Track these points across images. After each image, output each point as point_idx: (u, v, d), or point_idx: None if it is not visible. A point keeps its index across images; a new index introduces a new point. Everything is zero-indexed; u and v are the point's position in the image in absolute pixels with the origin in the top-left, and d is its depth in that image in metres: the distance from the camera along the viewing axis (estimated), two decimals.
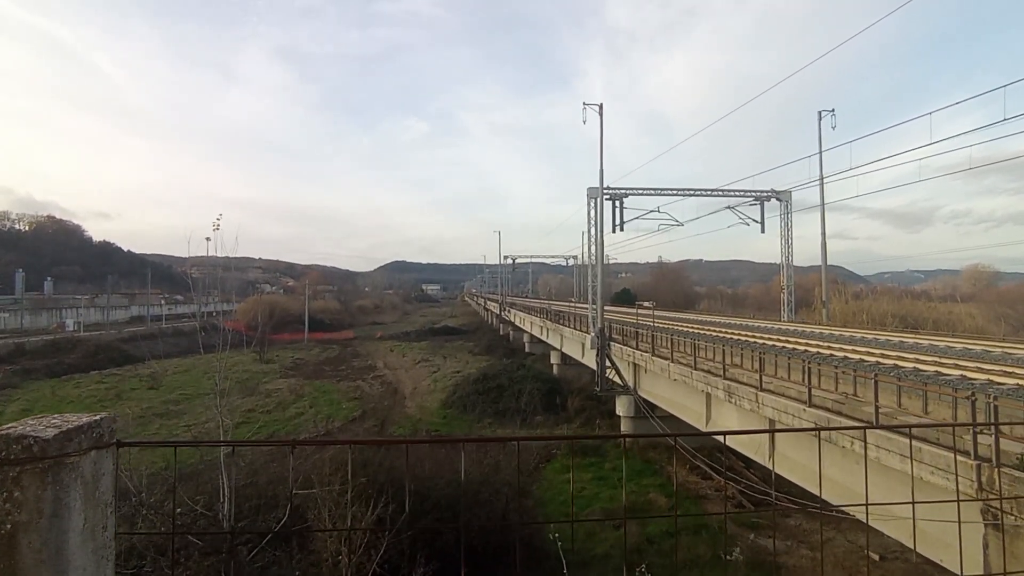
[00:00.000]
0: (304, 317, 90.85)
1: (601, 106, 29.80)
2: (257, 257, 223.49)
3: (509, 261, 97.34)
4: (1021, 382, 11.05)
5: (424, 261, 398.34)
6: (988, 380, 11.40)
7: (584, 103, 29.82)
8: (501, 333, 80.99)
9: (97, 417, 2.18)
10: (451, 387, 42.99)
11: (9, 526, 1.91)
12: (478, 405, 37.00)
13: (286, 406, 39.72)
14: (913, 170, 27.27)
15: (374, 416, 35.98)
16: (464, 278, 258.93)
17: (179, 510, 13.10)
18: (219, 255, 19.18)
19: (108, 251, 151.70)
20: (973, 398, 8.99)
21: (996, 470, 8.41)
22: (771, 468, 14.52)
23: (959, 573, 8.92)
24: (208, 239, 19.08)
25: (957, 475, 8.66)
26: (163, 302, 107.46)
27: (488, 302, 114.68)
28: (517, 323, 71.49)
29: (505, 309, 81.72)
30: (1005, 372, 12.15)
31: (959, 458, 8.85)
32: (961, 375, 12.12)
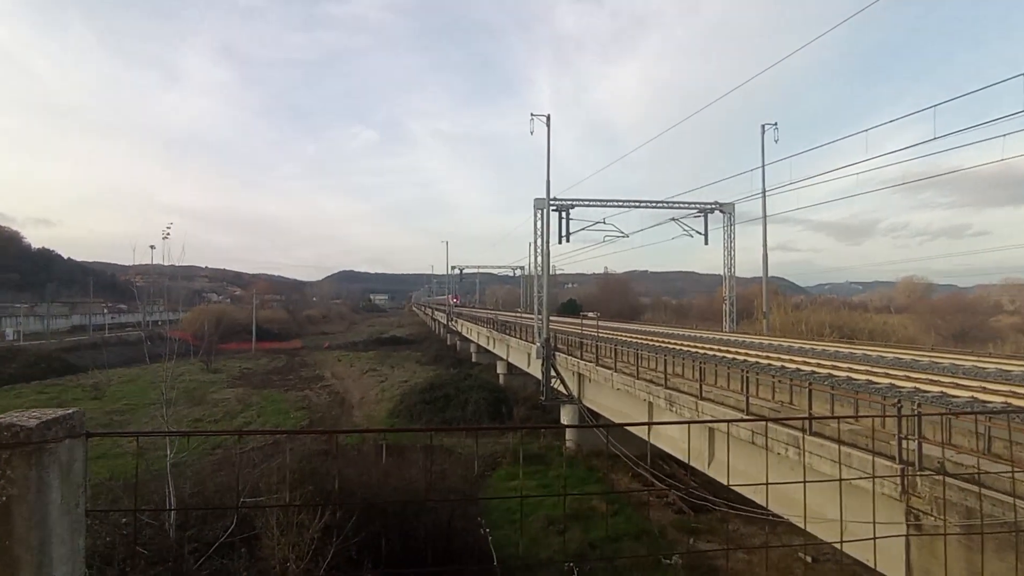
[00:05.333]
0: (252, 327, 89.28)
1: (548, 117, 30.14)
2: (204, 266, 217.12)
3: (456, 271, 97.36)
4: (945, 389, 11.62)
5: (372, 271, 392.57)
6: (915, 388, 11.95)
7: (532, 114, 30.09)
8: (449, 343, 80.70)
9: (70, 411, 2.53)
10: (398, 397, 42.63)
11: (5, 498, 2.31)
12: (425, 414, 36.71)
13: (234, 415, 39.04)
14: (854, 184, 28.36)
15: (322, 425, 35.39)
16: (412, 288, 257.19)
17: (124, 519, 12.63)
18: (165, 263, 18.67)
19: (48, 258, 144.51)
20: (899, 405, 9.38)
21: (918, 475, 8.76)
22: (706, 470, 14.83)
23: (884, 573, 9.32)
24: (153, 247, 18.60)
25: (874, 479, 8.98)
26: (106, 311, 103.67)
27: (436, 312, 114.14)
28: (464, 333, 71.36)
29: (452, 319, 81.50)
30: (931, 380, 12.73)
31: (885, 462, 9.21)
32: (890, 383, 12.66)
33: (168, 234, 17.88)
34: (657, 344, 24.43)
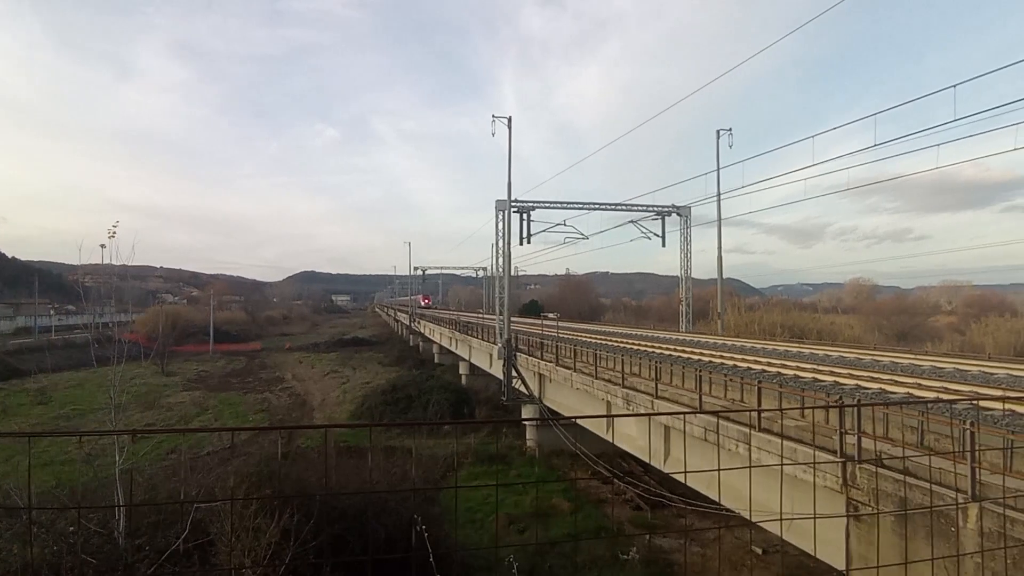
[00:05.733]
0: (209, 328, 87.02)
1: (510, 119, 30.35)
2: (158, 266, 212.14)
3: (419, 272, 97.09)
4: (884, 386, 12.25)
5: (334, 272, 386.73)
6: (856, 385, 12.56)
7: (493, 116, 30.22)
8: (411, 344, 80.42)
9: None
10: (360, 398, 42.52)
11: None
12: (387, 416, 36.67)
13: (189, 419, 38.30)
14: (806, 188, 29.41)
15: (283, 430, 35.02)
16: (375, 289, 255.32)
17: (71, 528, 12.40)
18: (115, 263, 18.15)
19: None
20: (841, 402, 9.90)
21: (857, 466, 9.25)
22: (663, 467, 15.26)
23: (826, 560, 9.81)
24: (103, 246, 18.04)
25: (814, 471, 9.44)
26: (52, 312, 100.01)
27: (398, 313, 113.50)
28: (427, 334, 71.23)
29: (415, 320, 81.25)
30: (872, 378, 13.36)
31: (827, 456, 9.68)
32: (834, 381, 13.27)
33: (114, 232, 17.32)
34: (616, 344, 24.93)
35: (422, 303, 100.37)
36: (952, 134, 17.37)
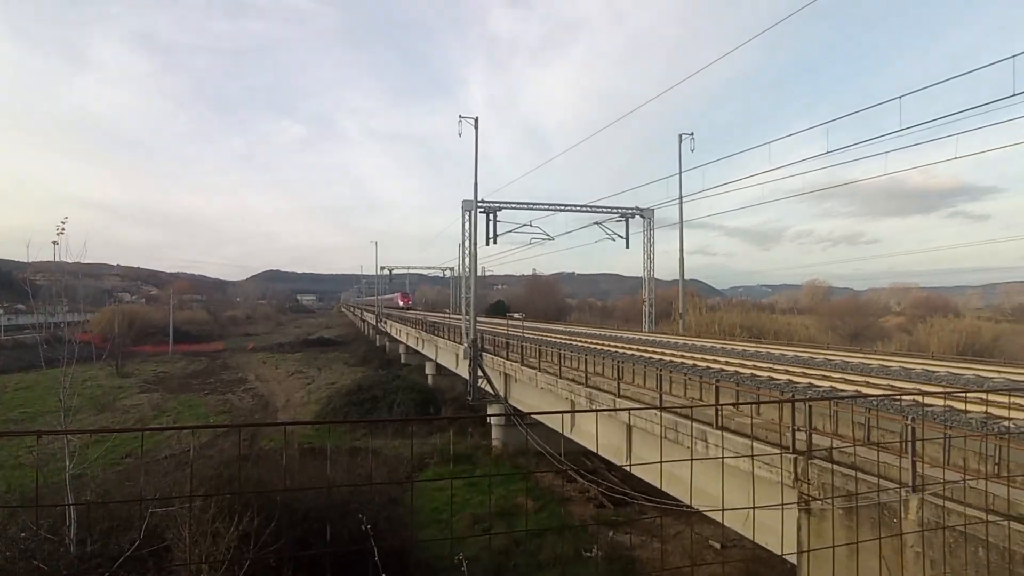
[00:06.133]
0: (169, 328, 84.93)
1: (476, 120, 30.44)
2: (115, 264, 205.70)
3: (386, 272, 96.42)
4: (835, 384, 12.70)
5: (299, 271, 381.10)
6: (809, 383, 12.98)
7: (460, 116, 30.31)
8: (378, 344, 79.89)
9: None
10: (325, 399, 42.19)
11: None
12: (352, 416, 36.42)
13: (147, 422, 37.44)
14: (765, 192, 30.20)
15: (245, 431, 34.38)
16: (341, 288, 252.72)
17: (23, 534, 12.09)
18: (68, 260, 17.67)
19: None
20: (794, 400, 10.26)
21: (808, 461, 9.60)
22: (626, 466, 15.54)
23: (778, 552, 10.15)
24: (55, 243, 17.55)
25: (751, 463, 9.76)
26: (0, 312, 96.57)
27: (365, 313, 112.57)
28: (393, 334, 70.90)
29: (381, 320, 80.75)
30: (824, 376, 13.82)
31: (780, 452, 10.02)
32: (788, 379, 13.68)
33: (63, 229, 16.85)
34: (580, 344, 25.22)
35: (400, 303, 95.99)
36: (900, 142, 18.10)
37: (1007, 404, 8.82)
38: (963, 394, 9.63)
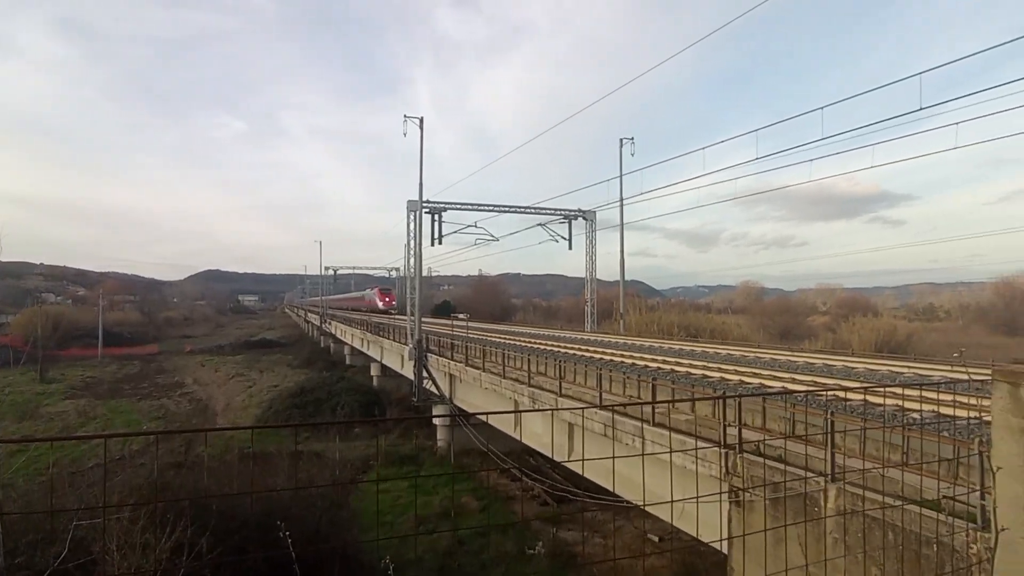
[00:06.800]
0: (98, 330, 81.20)
1: (421, 120, 30.38)
2: (38, 262, 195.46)
3: (331, 272, 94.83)
4: (763, 381, 13.29)
5: (241, 271, 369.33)
6: (740, 380, 13.55)
7: (405, 116, 30.17)
8: (322, 345, 78.64)
9: None
10: (267, 402, 41.32)
11: None
12: (295, 419, 35.81)
13: (73, 430, 35.76)
14: (702, 195, 31.23)
15: (181, 436, 33.29)
16: (285, 289, 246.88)
17: None
18: None
19: None
20: (724, 396, 10.71)
21: (738, 456, 10.04)
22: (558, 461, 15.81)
23: (710, 543, 10.59)
24: None
25: (694, 459, 10.18)
26: None
27: (309, 314, 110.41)
28: (338, 335, 69.92)
29: (326, 321, 79.47)
30: (754, 373, 14.45)
31: (712, 447, 10.45)
32: (721, 377, 14.24)
33: None
34: (524, 344, 25.51)
35: (378, 304, 74.81)
36: (824, 151, 19.07)
37: (918, 398, 9.45)
38: (878, 389, 10.27)
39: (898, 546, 7.14)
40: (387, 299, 75.77)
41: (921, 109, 13.85)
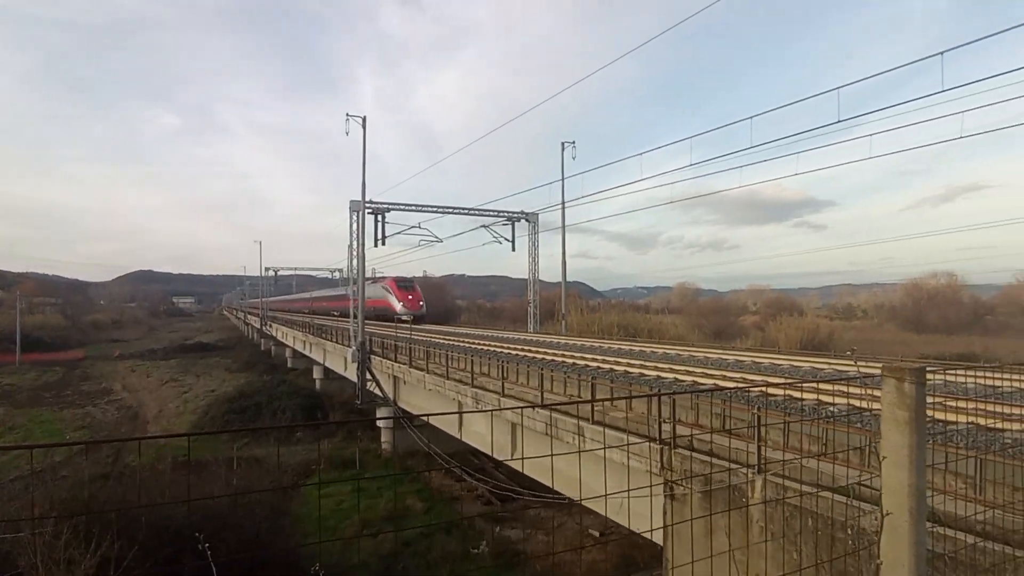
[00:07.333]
0: (15, 335, 76.55)
1: (364, 119, 30.07)
2: None
3: (271, 273, 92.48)
4: (696, 379, 13.85)
5: (175, 271, 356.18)
6: (675, 378, 14.09)
7: (347, 115, 29.68)
8: (263, 348, 76.89)
9: None
10: (203, 408, 40.09)
11: None
12: (233, 425, 34.86)
13: None
14: (640, 199, 32.14)
15: (110, 446, 32.01)
16: (223, 290, 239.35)
17: None
18: None
19: None
20: (660, 394, 11.14)
21: (673, 451, 10.46)
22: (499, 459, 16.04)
23: (646, 534, 11.00)
24: None
25: (629, 455, 10.57)
26: None
27: (249, 316, 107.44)
28: (279, 337, 68.44)
29: (266, 323, 77.63)
30: (687, 371, 15.03)
31: (649, 443, 10.84)
32: (657, 375, 14.76)
33: None
34: (467, 345, 25.67)
35: (397, 306, 50.66)
36: (753, 157, 19.90)
37: (834, 392, 10.09)
38: (800, 384, 10.89)
39: (816, 531, 7.61)
40: (410, 297, 51.86)
41: (839, 121, 14.71)
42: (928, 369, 3.24)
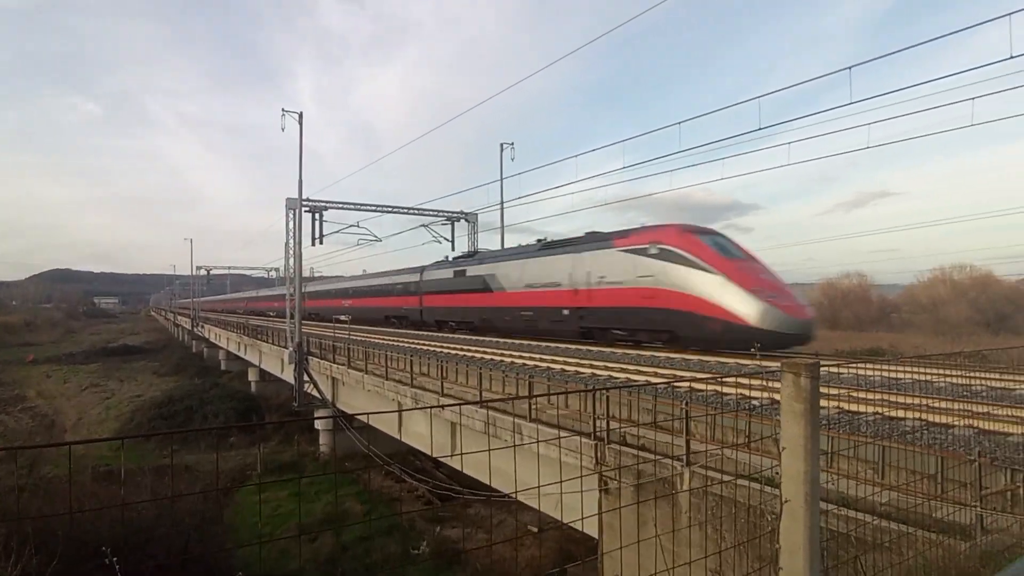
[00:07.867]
0: None
1: (301, 115, 29.57)
2: None
3: (203, 272, 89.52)
4: (630, 376, 14.31)
5: (97, 270, 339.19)
6: (609, 376, 14.50)
7: (284, 110, 29.13)
8: (194, 351, 74.26)
9: None
10: (128, 414, 38.49)
11: None
12: (162, 431, 33.75)
13: None
14: (576, 200, 32.68)
15: (22, 456, 30.20)
16: (151, 290, 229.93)
17: None
18: None
19: None
20: (595, 389, 11.46)
21: (607, 446, 10.79)
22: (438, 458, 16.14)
23: (580, 527, 11.32)
24: None
25: (561, 451, 10.87)
26: None
27: (179, 317, 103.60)
28: (212, 339, 66.38)
29: (198, 324, 75.13)
30: (621, 368, 15.49)
31: (584, 439, 11.15)
32: (592, 373, 15.15)
33: None
34: (407, 345, 25.60)
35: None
36: (683, 162, 20.65)
37: (757, 386, 10.62)
38: (724, 379, 11.42)
39: (739, 518, 8.03)
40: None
41: (760, 128, 15.43)
42: (822, 364, 3.50)
